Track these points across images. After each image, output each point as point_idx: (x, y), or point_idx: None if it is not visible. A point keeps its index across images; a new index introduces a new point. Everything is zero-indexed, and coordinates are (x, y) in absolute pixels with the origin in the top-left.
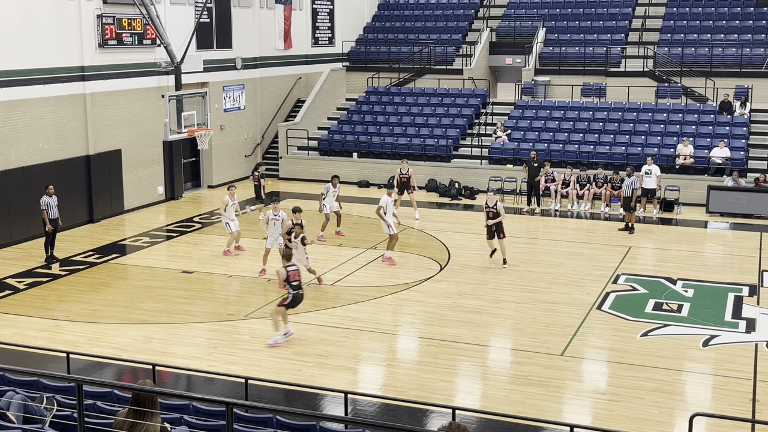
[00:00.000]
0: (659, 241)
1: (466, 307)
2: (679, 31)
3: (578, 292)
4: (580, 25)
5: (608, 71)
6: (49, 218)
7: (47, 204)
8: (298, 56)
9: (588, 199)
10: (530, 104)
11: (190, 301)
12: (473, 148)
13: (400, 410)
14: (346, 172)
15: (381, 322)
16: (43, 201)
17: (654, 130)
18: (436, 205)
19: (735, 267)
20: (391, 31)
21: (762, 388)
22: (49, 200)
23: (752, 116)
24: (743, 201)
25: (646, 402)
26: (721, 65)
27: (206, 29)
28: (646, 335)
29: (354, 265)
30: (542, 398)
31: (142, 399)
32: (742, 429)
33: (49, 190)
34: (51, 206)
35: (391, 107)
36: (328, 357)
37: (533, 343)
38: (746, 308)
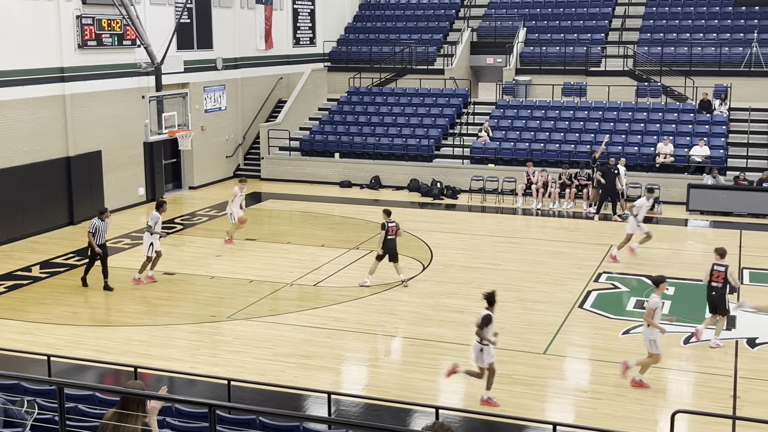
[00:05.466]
0: (640, 239)
1: (449, 307)
2: (658, 30)
3: (560, 290)
4: (561, 24)
5: (588, 71)
6: (97, 243)
7: (96, 227)
8: (279, 56)
9: (570, 197)
10: (511, 104)
11: (171, 303)
12: (455, 148)
13: (384, 410)
14: (328, 173)
15: (364, 322)
16: (93, 224)
17: (634, 129)
18: (419, 204)
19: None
20: (372, 31)
21: (742, 385)
22: (100, 224)
23: (731, 115)
24: (723, 199)
25: (629, 399)
26: (700, 64)
27: (186, 30)
28: (628, 333)
29: (337, 266)
30: (525, 397)
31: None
32: (724, 425)
33: (105, 215)
34: (100, 231)
35: (372, 107)
36: (311, 358)
37: (516, 342)
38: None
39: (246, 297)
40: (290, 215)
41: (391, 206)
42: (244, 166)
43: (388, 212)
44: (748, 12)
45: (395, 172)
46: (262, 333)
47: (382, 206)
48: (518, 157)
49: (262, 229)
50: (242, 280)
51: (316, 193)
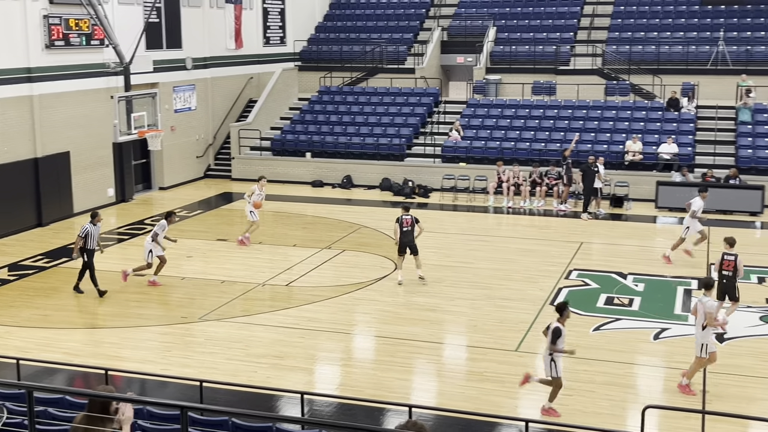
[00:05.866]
0: (610, 236)
1: (422, 305)
2: (626, 29)
3: (531, 288)
4: (530, 24)
5: (558, 69)
6: (87, 248)
7: (87, 231)
8: (250, 56)
9: (541, 195)
10: (482, 103)
11: (142, 305)
12: (426, 147)
13: (357, 409)
14: (300, 172)
15: (337, 321)
16: (84, 228)
17: (603, 127)
18: (390, 204)
19: (684, 261)
20: (342, 31)
21: (712, 380)
22: (93, 229)
23: (699, 112)
24: (691, 196)
25: (599, 395)
26: (668, 63)
27: (155, 29)
28: (598, 329)
29: (309, 266)
30: (497, 394)
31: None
32: (693, 420)
33: (97, 219)
34: (92, 235)
35: (343, 107)
36: (283, 358)
37: (488, 339)
38: (695, 301)
39: (218, 298)
40: (262, 215)
41: (364, 206)
42: (214, 166)
43: (407, 207)
44: (714, 11)
45: (367, 172)
46: (234, 334)
47: (354, 206)
48: (489, 156)
49: (234, 229)
50: (214, 280)
51: (288, 193)
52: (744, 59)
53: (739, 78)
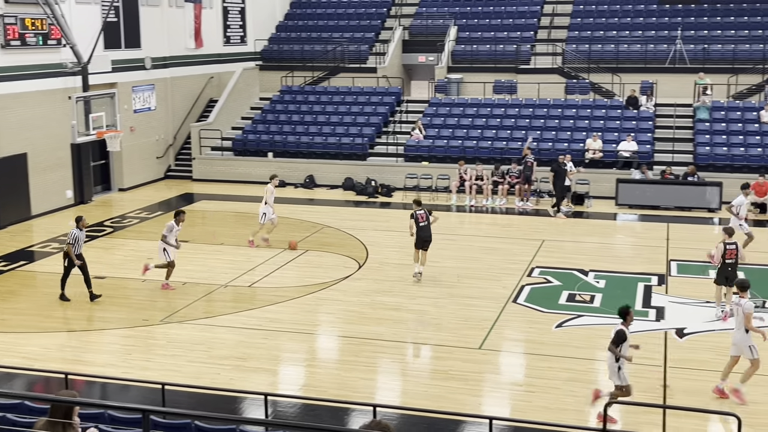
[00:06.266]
0: (571, 233)
1: (386, 305)
2: (586, 28)
3: (494, 285)
4: (491, 23)
5: (519, 68)
6: (75, 253)
7: (75, 237)
8: (210, 55)
9: (502, 194)
10: (444, 102)
11: (103, 308)
12: (389, 146)
13: (322, 410)
14: (262, 173)
15: (300, 322)
16: (73, 234)
17: (564, 126)
18: (353, 203)
19: (644, 257)
20: (304, 30)
21: (672, 375)
22: (79, 234)
23: (657, 110)
24: (650, 193)
25: (563, 392)
26: (626, 61)
27: (114, 29)
28: (561, 326)
29: (272, 266)
30: (461, 392)
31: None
32: (654, 415)
33: (82, 224)
34: (80, 240)
35: (305, 106)
36: (246, 359)
37: (452, 337)
38: (655, 297)
39: (179, 300)
40: (223, 216)
41: (326, 205)
42: (175, 166)
43: (418, 202)
44: (672, 10)
45: (329, 171)
46: (196, 336)
47: (317, 205)
48: (451, 155)
49: (195, 230)
50: (175, 282)
51: (250, 193)
52: (701, 58)
53: (696, 76)
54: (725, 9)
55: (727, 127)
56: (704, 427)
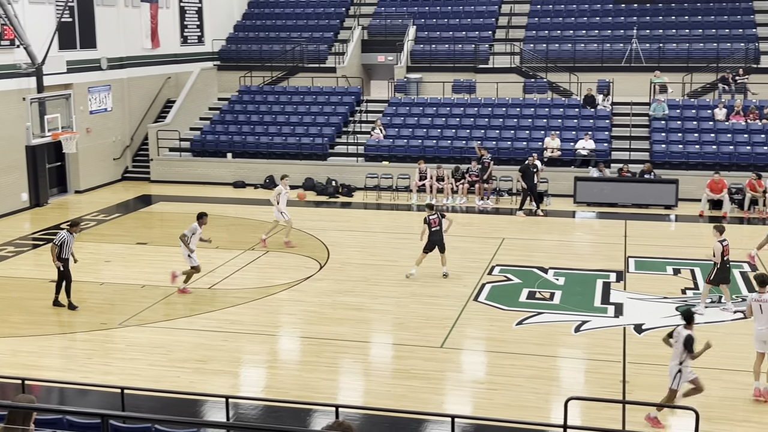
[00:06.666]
0: (530, 231)
1: (347, 305)
2: (543, 28)
3: (455, 284)
4: (449, 23)
5: (477, 68)
6: (63, 257)
7: (63, 240)
8: (167, 55)
9: (462, 193)
10: (403, 101)
11: (60, 311)
12: (349, 146)
13: (284, 411)
14: (221, 173)
15: (261, 323)
16: (61, 236)
17: (522, 125)
18: (314, 203)
19: (602, 254)
20: (262, 29)
21: (631, 370)
22: (69, 238)
23: (614, 109)
24: (608, 191)
25: (524, 389)
26: (583, 60)
27: (68, 29)
28: (521, 324)
29: (232, 267)
30: (424, 391)
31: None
32: (614, 410)
33: (74, 229)
34: (68, 244)
35: (264, 106)
36: (207, 362)
37: (414, 336)
38: (614, 294)
39: (138, 303)
40: (182, 217)
41: (287, 206)
42: (132, 168)
43: (431, 206)
44: (628, 10)
45: (290, 171)
46: (156, 339)
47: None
48: (412, 154)
49: (153, 232)
50: (134, 285)
51: (209, 194)
52: (656, 57)
53: (652, 75)
54: (680, 8)
55: (682, 125)
56: (663, 421)
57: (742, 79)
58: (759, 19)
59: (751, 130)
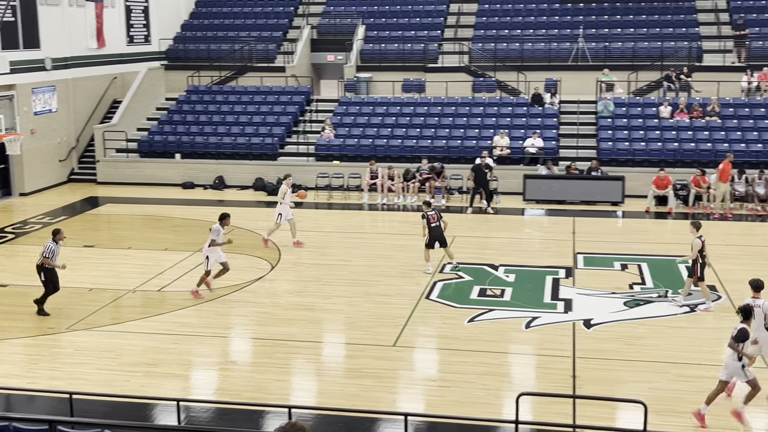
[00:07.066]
0: (481, 229)
1: (299, 305)
2: (491, 27)
3: (407, 283)
4: (398, 22)
5: (426, 67)
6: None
7: (52, 251)
8: (113, 55)
9: (413, 191)
10: (353, 101)
11: (5, 316)
12: (299, 146)
13: (236, 413)
14: (169, 174)
15: (212, 325)
16: (49, 247)
17: (472, 124)
18: (265, 204)
19: (552, 251)
20: (210, 29)
21: (581, 365)
22: (56, 247)
23: (561, 107)
24: (556, 188)
25: (476, 385)
26: (531, 59)
27: (11, 28)
28: (473, 321)
29: (181, 269)
30: (376, 390)
31: None
32: (565, 405)
33: (59, 237)
34: (56, 255)
35: (213, 106)
36: (157, 365)
37: (366, 336)
38: (563, 290)
39: (86, 306)
40: (130, 219)
41: (237, 206)
42: (78, 170)
43: (428, 203)
44: (574, 9)
45: (239, 172)
46: (104, 343)
47: (228, 207)
48: (362, 153)
49: (101, 234)
50: (81, 288)
51: (157, 196)
52: (602, 55)
53: (599, 73)
54: (625, 8)
55: (628, 122)
56: (613, 414)
57: (686, 77)
58: (701, 18)
59: (695, 128)
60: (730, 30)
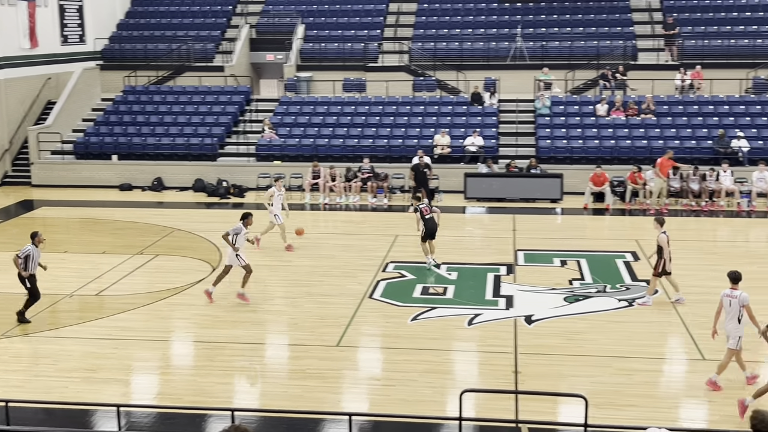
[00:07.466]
0: None
1: (241, 307)
2: (431, 26)
3: (350, 282)
4: (338, 21)
5: (367, 66)
6: (30, 272)
7: (28, 253)
8: (46, 55)
9: (355, 191)
10: (294, 100)
11: None
12: (240, 146)
13: (178, 418)
14: (106, 176)
15: (152, 329)
16: (26, 249)
17: (413, 123)
18: (205, 205)
19: (493, 248)
20: (146, 28)
21: (522, 360)
22: (35, 251)
23: (500, 106)
24: (496, 186)
25: (420, 384)
26: (470, 59)
27: None
28: (416, 319)
29: (120, 273)
30: (320, 390)
31: None
32: (507, 400)
33: (38, 240)
34: (33, 258)
35: (151, 106)
36: (96, 371)
37: (309, 336)
38: (504, 286)
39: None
40: (67, 222)
41: (176, 208)
42: (12, 173)
43: (418, 197)
44: (512, 8)
45: (179, 173)
46: (41, 349)
47: (167, 208)
48: (304, 153)
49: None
50: (15, 294)
51: (95, 198)
52: (540, 54)
53: (537, 72)
54: (561, 7)
55: (566, 120)
56: (555, 409)
57: (622, 75)
58: (636, 17)
59: (630, 125)
60: (663, 29)
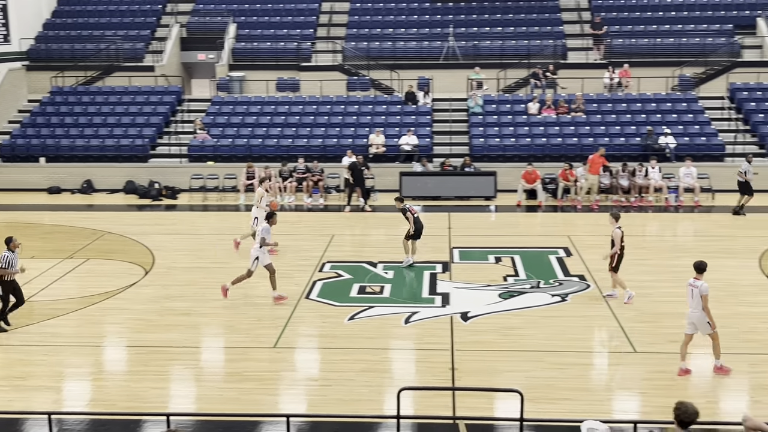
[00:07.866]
0: (359, 227)
1: (175, 310)
2: (364, 25)
3: (287, 283)
4: (270, 20)
5: (300, 66)
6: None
7: (8, 260)
8: None
9: (291, 191)
10: (226, 100)
11: None
12: (171, 147)
13: (112, 424)
14: (34, 179)
15: (84, 334)
16: (5, 256)
17: (347, 122)
18: (137, 207)
19: (428, 246)
20: (74, 27)
21: (459, 357)
22: (12, 256)
23: (434, 105)
24: (431, 184)
25: (357, 383)
26: (404, 58)
27: None
28: (353, 318)
29: (49, 278)
30: (257, 392)
31: None
32: (445, 397)
33: (13, 245)
34: (12, 263)
35: (79, 107)
36: (26, 378)
37: (245, 338)
38: (440, 284)
39: None
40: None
41: (107, 211)
42: None
43: (401, 199)
44: (444, 8)
45: (109, 175)
46: None
47: (97, 211)
48: (237, 153)
49: None
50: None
51: (22, 202)
52: (472, 54)
53: (470, 71)
54: (492, 7)
55: (498, 119)
56: (491, 404)
57: (552, 74)
58: (565, 17)
59: (561, 123)
60: (591, 28)
